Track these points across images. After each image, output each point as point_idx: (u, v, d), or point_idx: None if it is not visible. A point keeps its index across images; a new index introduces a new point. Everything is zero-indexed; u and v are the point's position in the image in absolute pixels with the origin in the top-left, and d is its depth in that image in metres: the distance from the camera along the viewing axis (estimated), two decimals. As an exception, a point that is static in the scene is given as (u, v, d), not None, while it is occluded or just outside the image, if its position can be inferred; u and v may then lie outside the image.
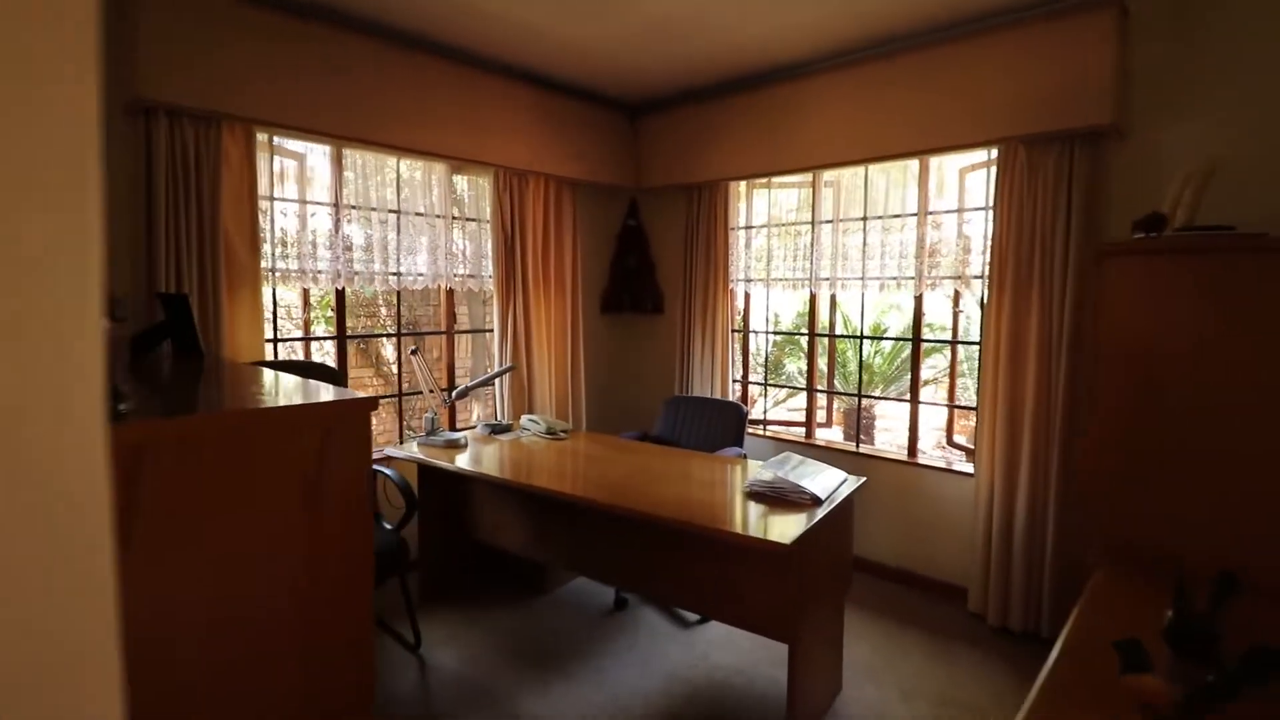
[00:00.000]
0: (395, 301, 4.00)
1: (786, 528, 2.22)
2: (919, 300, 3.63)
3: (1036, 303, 2.98)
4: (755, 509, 2.42)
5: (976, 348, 3.42)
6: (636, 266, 4.68)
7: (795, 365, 7.89)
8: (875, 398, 7.51)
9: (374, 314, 6.12)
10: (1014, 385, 3.08)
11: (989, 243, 3.20)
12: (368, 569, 1.22)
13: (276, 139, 3.11)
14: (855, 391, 6.23)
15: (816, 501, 2.40)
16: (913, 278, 3.54)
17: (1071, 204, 2.87)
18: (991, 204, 3.20)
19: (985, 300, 3.22)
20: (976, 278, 3.35)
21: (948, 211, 3.49)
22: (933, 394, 6.18)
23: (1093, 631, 1.49)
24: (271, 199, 3.10)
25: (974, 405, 3.39)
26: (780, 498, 2.46)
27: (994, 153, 3.22)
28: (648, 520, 2.36)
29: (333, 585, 1.16)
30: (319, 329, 5.52)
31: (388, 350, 6.40)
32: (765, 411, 4.72)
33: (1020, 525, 3.06)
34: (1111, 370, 1.99)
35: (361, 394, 1.21)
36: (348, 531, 1.17)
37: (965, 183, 3.61)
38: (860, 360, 4.23)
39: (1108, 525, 1.98)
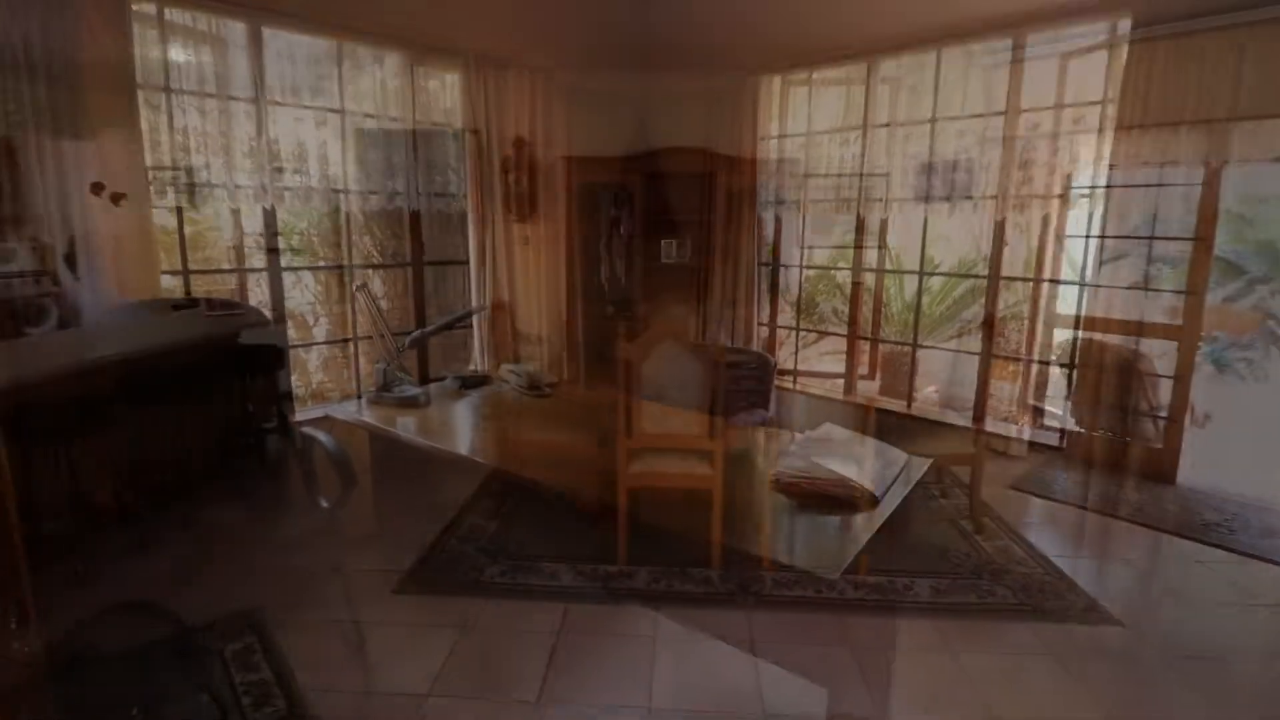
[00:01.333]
0: (345, 225, 3.31)
1: (826, 544, 1.59)
2: (1000, 225, 2.86)
3: (1176, 228, 2.22)
4: (784, 508, 1.79)
5: (1075, 288, 2.68)
6: (646, 187, 3.91)
7: (830, 304, 7.10)
8: (937, 348, 6.65)
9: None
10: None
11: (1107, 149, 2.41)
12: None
13: (170, 13, 2.38)
14: (905, 339, 5.47)
15: (872, 501, 1.75)
16: (994, 196, 2.76)
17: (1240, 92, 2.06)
18: (1117, 95, 2.38)
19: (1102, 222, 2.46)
20: (1084, 194, 2.56)
21: (1046, 109, 2.67)
22: (974, 343, 5.33)
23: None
24: (167, 90, 2.41)
25: (1060, 360, 2.68)
26: (819, 493, 1.82)
27: (1120, 27, 2.38)
28: (639, 529, 1.74)
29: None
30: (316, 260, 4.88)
31: (376, 284, 5.74)
32: (796, 354, 4.04)
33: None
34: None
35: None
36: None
37: (1068, 73, 2.77)
38: (918, 302, 3.49)
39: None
